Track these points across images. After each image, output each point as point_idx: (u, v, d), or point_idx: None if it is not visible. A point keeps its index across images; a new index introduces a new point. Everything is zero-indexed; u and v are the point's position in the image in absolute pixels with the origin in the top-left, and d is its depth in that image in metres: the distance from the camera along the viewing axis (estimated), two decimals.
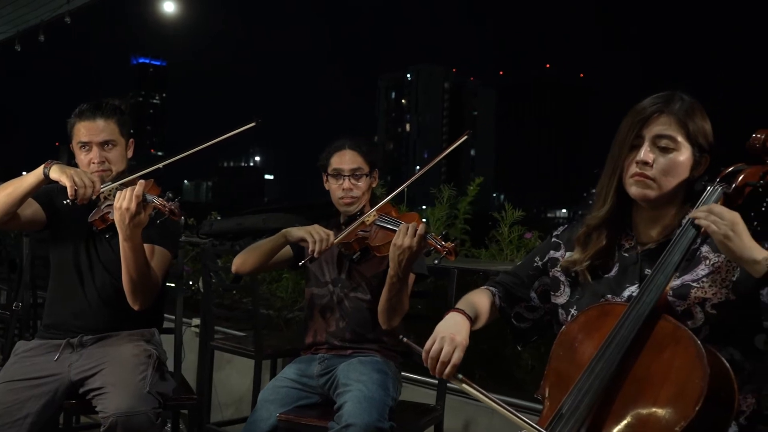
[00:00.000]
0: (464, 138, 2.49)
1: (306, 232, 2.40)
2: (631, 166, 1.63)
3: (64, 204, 2.28)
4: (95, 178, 2.32)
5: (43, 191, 2.45)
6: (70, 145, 2.55)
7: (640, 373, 1.48)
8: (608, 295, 1.69)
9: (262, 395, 2.46)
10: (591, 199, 1.78)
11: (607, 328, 1.54)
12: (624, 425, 1.45)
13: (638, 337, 1.50)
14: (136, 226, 2.20)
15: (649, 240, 1.69)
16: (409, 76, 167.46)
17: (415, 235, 2.14)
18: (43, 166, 2.30)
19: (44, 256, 3.06)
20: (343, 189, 2.56)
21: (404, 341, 1.75)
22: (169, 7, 10.38)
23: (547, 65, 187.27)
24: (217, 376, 3.95)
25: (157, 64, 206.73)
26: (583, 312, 1.66)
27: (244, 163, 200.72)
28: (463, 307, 1.79)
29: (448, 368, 1.65)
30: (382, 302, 2.35)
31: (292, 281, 4.58)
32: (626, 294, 1.66)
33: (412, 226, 2.16)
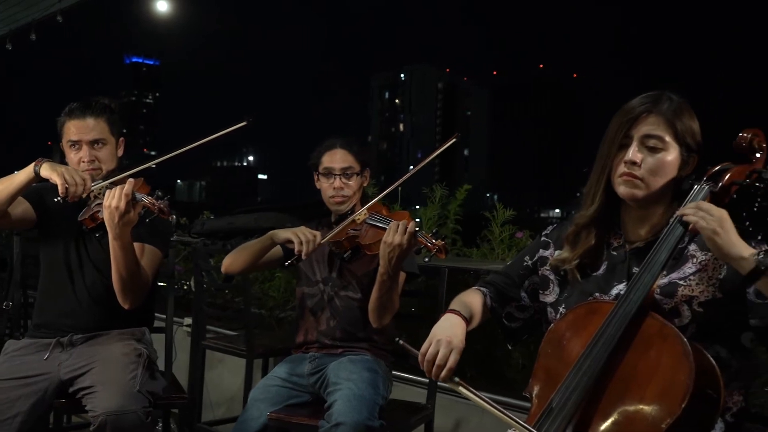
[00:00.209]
0: (453, 140, 2.51)
1: (292, 234, 2.41)
2: (620, 166, 1.64)
3: (55, 202, 2.28)
4: (86, 176, 2.31)
5: (34, 190, 2.44)
6: (60, 143, 2.55)
7: (627, 370, 1.49)
8: (596, 294, 1.69)
9: (253, 394, 2.46)
10: (581, 199, 1.78)
11: (595, 326, 1.55)
12: (611, 422, 1.46)
13: (625, 335, 1.50)
14: (126, 225, 2.20)
15: (637, 239, 1.70)
16: (402, 76, 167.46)
17: (405, 233, 2.15)
18: (33, 164, 2.30)
19: (35, 255, 3.05)
20: (334, 188, 2.57)
21: (400, 344, 1.73)
22: (163, 6, 10.36)
23: (541, 65, 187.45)
24: (209, 376, 3.94)
25: (151, 63, 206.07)
26: (571, 310, 1.67)
27: (237, 163, 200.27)
28: (458, 308, 1.78)
29: (444, 371, 1.64)
30: (372, 301, 2.36)
31: (285, 281, 4.59)
32: (614, 292, 1.67)
33: (402, 224, 2.17)
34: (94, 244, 2.52)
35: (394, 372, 2.70)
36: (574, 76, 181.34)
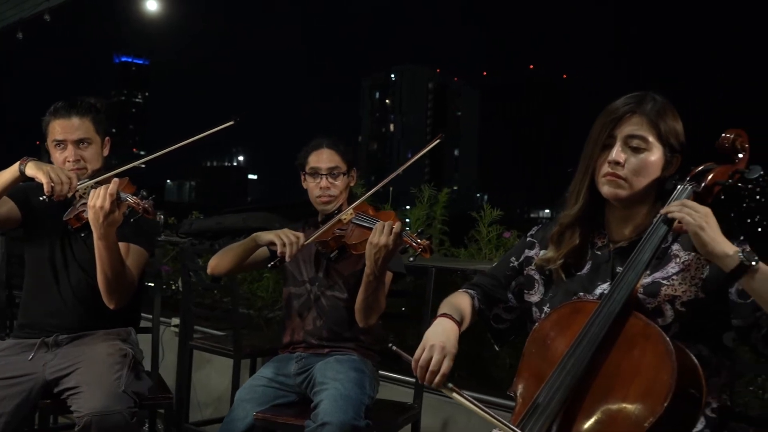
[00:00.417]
0: (437, 141, 2.51)
1: (275, 236, 2.41)
2: (603, 166, 1.65)
3: (40, 201, 2.26)
4: (72, 175, 2.31)
5: (19, 189, 2.43)
6: (46, 143, 2.53)
7: (611, 369, 1.49)
8: (580, 293, 1.70)
9: (239, 394, 2.46)
10: (565, 199, 1.79)
11: (579, 326, 1.55)
12: (594, 421, 1.47)
13: (609, 334, 1.51)
14: (110, 225, 2.19)
15: (621, 238, 1.71)
16: (393, 76, 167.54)
17: (391, 234, 2.15)
18: (18, 163, 2.29)
19: (20, 255, 3.03)
20: (321, 188, 2.57)
21: (393, 349, 1.71)
22: (152, 6, 10.31)
23: (531, 66, 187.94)
24: (197, 376, 3.93)
25: (140, 62, 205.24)
26: (555, 310, 1.68)
27: (227, 163, 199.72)
28: (450, 311, 1.77)
29: (438, 377, 1.63)
30: (358, 301, 2.36)
31: (273, 281, 4.58)
32: (598, 291, 1.67)
33: (388, 224, 2.17)
34: (80, 244, 2.50)
35: (381, 372, 2.70)
36: (564, 76, 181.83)
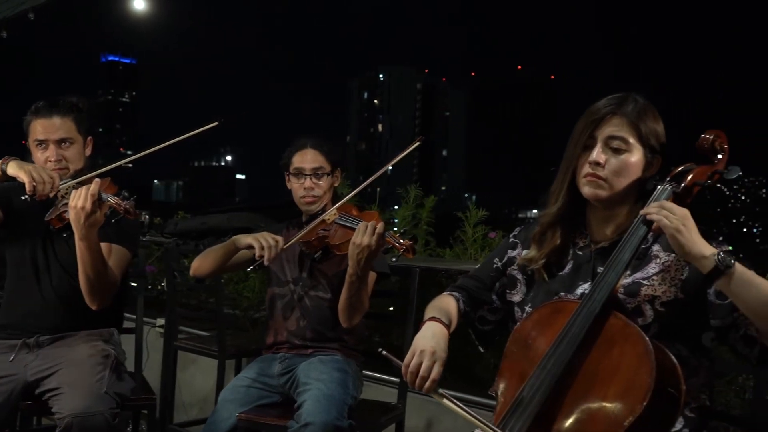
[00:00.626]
0: (417, 143, 2.52)
1: (254, 239, 2.41)
2: (584, 166, 1.66)
3: (22, 201, 2.25)
4: (54, 175, 2.30)
5: (0, 188, 2.41)
6: (27, 142, 2.51)
7: (591, 369, 1.50)
8: (562, 293, 1.71)
9: (223, 395, 2.45)
10: (546, 198, 1.80)
11: (560, 325, 1.56)
12: (574, 420, 1.48)
13: (589, 333, 1.52)
14: (92, 226, 2.18)
15: (602, 238, 1.72)
16: (381, 76, 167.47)
17: (374, 234, 2.16)
18: None
19: (1, 255, 3.01)
20: (305, 188, 2.57)
21: (383, 354, 1.70)
22: (139, 5, 10.25)
23: (519, 66, 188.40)
24: (182, 377, 3.92)
25: (127, 62, 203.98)
26: (536, 309, 1.68)
27: (215, 163, 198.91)
28: (438, 315, 1.76)
29: (428, 383, 1.62)
30: (342, 301, 2.36)
31: (259, 281, 4.56)
32: (579, 291, 1.68)
33: (371, 224, 2.18)
34: (62, 245, 2.49)
35: (365, 372, 2.70)
36: (552, 77, 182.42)
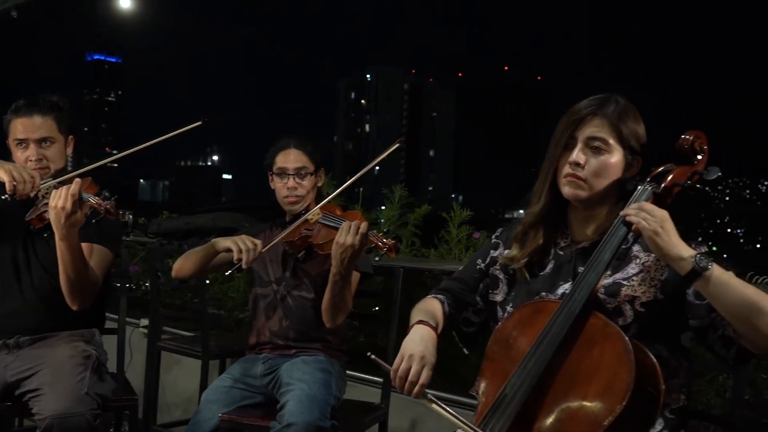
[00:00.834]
0: (397, 145, 2.52)
1: (232, 242, 2.41)
2: (565, 167, 1.66)
3: (2, 200, 2.23)
4: (35, 174, 2.28)
5: None
6: (7, 141, 2.49)
7: (571, 368, 1.51)
8: (543, 293, 1.71)
9: (205, 396, 2.44)
10: (528, 198, 1.80)
11: (541, 325, 1.57)
12: (554, 419, 1.48)
13: (570, 333, 1.52)
14: (72, 226, 2.16)
15: (583, 238, 1.72)
16: (368, 76, 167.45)
17: (357, 233, 2.16)
18: None
19: None
20: (288, 188, 2.57)
21: (372, 358, 1.69)
22: (125, 3, 10.19)
23: (506, 67, 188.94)
24: (166, 377, 3.90)
25: (113, 61, 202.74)
26: (517, 309, 1.69)
27: (201, 163, 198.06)
28: (425, 318, 1.75)
29: (417, 387, 1.60)
30: (325, 301, 2.36)
31: (244, 281, 4.55)
32: (560, 291, 1.69)
33: (355, 224, 2.18)
34: (42, 245, 2.46)
35: (348, 372, 2.70)
36: (539, 78, 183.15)
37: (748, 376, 2.21)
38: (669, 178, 1.60)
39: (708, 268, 1.45)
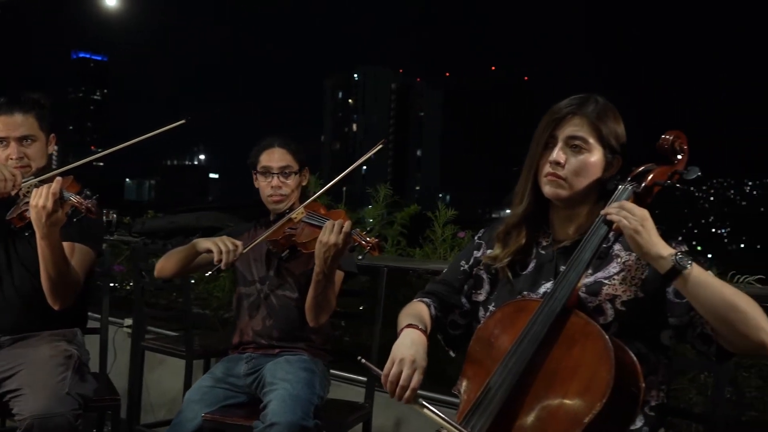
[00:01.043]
0: (379, 147, 2.52)
1: (212, 244, 2.41)
2: (545, 166, 1.67)
3: None
4: (16, 172, 2.25)
5: None
6: None
7: (552, 366, 1.51)
8: (525, 292, 1.72)
9: (188, 395, 2.43)
10: (511, 198, 1.81)
11: (522, 324, 1.57)
12: (535, 417, 1.49)
13: (551, 332, 1.53)
14: (53, 225, 2.14)
15: (565, 238, 1.73)
16: (356, 76, 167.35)
17: (341, 232, 2.16)
18: None
19: None
20: (272, 187, 2.57)
21: (362, 363, 1.68)
22: (111, 1, 10.13)
23: (493, 67, 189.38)
24: (150, 377, 3.88)
25: (98, 59, 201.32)
26: (499, 308, 1.69)
27: (188, 162, 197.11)
28: (414, 321, 1.74)
29: (408, 392, 1.59)
30: (309, 300, 2.36)
31: (229, 281, 4.54)
32: (542, 290, 1.69)
33: (338, 223, 2.18)
34: (23, 244, 2.44)
35: (333, 371, 2.70)
36: (526, 78, 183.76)
37: (728, 374, 2.23)
38: (649, 178, 1.61)
39: (687, 267, 1.46)
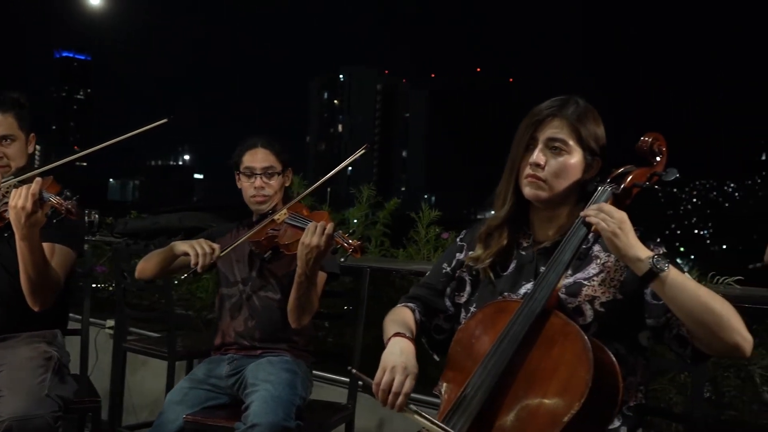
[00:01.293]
0: (362, 151, 2.52)
1: (189, 246, 2.41)
2: (526, 168, 1.68)
3: None
4: None
5: None
6: None
7: (532, 367, 1.52)
8: (505, 293, 1.73)
9: (170, 397, 2.42)
10: (492, 200, 1.82)
11: (502, 325, 1.58)
12: (515, 417, 1.50)
13: (530, 332, 1.54)
14: (33, 226, 2.12)
15: (545, 239, 1.74)
16: (341, 76, 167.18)
17: (323, 234, 2.16)
18: None
19: None
20: (255, 187, 2.56)
21: (353, 373, 1.68)
22: (95, 0, 10.03)
23: (478, 69, 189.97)
24: (133, 379, 3.87)
25: (82, 58, 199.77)
26: (480, 309, 1.70)
27: (172, 162, 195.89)
28: (401, 329, 1.74)
29: (401, 398, 1.59)
30: (291, 301, 2.36)
31: (213, 282, 4.52)
32: (522, 291, 1.70)
33: (321, 224, 2.18)
34: (3, 244, 2.41)
35: (315, 372, 2.70)
36: (510, 80, 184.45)
37: (707, 374, 2.25)
38: (628, 179, 1.63)
39: (664, 269, 1.48)
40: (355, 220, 4.25)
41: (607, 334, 1.58)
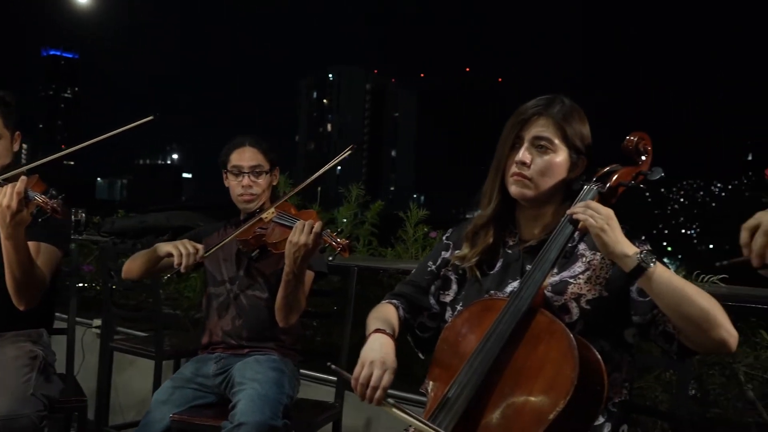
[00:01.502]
0: (349, 151, 2.51)
1: (173, 247, 2.41)
2: (512, 166, 1.69)
3: None
4: None
5: None
6: None
7: (518, 365, 1.53)
8: (491, 291, 1.73)
9: (156, 396, 2.42)
10: (479, 198, 1.82)
11: (488, 323, 1.58)
12: (500, 415, 1.50)
13: (516, 330, 1.54)
14: (18, 225, 2.10)
15: (531, 237, 1.75)
16: (331, 76, 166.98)
17: (311, 233, 2.16)
18: None
19: None
20: (243, 186, 2.56)
21: (333, 368, 1.68)
22: None
23: (467, 69, 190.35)
24: (120, 378, 3.85)
25: (69, 56, 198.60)
26: (466, 308, 1.71)
27: (161, 161, 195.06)
28: (382, 326, 1.74)
29: (378, 392, 1.59)
30: (278, 300, 2.36)
31: (200, 281, 4.51)
32: (508, 289, 1.71)
33: (309, 223, 2.18)
34: None
35: (303, 371, 2.70)
36: (500, 80, 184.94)
37: (692, 372, 2.27)
38: (614, 178, 1.64)
39: (651, 265, 1.49)
40: (344, 220, 4.25)
41: (592, 332, 1.59)
